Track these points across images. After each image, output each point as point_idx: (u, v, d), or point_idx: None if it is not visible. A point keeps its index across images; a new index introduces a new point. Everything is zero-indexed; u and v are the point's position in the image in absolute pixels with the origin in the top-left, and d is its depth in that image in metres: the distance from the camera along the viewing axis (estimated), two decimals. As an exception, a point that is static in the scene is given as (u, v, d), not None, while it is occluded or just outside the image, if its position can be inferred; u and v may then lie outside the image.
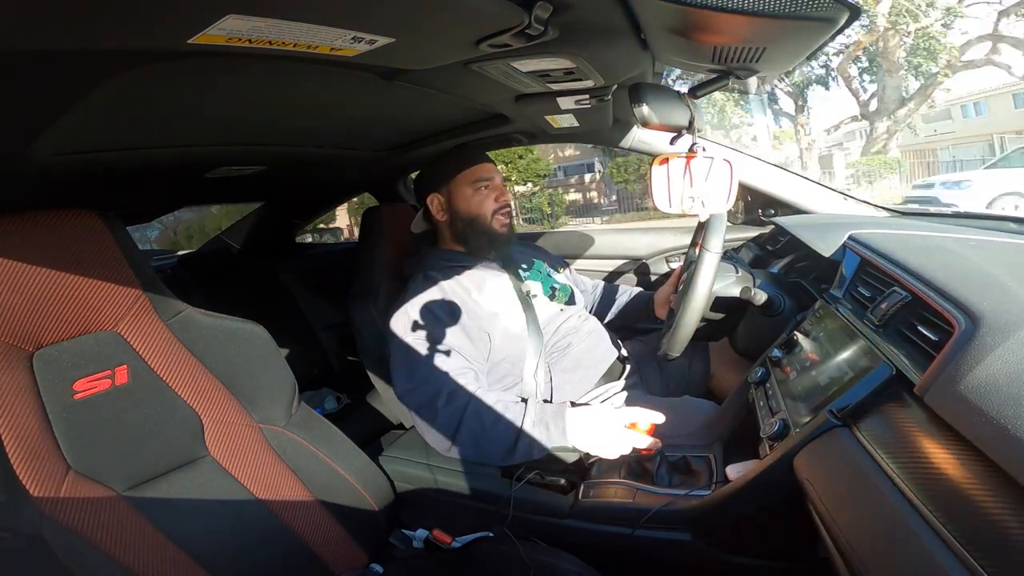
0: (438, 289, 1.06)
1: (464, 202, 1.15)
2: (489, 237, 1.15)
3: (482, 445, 0.93)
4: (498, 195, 1.15)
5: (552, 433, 0.90)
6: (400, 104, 0.89)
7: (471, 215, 1.14)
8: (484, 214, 1.14)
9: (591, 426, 0.89)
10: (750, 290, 1.00)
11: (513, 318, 1.09)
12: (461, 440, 0.94)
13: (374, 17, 0.49)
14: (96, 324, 0.75)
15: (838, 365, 0.70)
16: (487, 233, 1.15)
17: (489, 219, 1.14)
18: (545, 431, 0.91)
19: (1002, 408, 0.41)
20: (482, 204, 1.14)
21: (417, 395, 0.98)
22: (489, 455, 0.94)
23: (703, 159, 0.79)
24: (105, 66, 0.49)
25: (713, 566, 0.78)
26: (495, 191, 1.16)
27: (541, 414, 0.93)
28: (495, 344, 1.05)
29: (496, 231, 1.15)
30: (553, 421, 0.91)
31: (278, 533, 0.81)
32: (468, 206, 1.14)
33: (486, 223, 1.14)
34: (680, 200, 0.80)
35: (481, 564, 0.80)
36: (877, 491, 0.49)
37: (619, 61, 0.77)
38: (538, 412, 0.93)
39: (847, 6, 0.50)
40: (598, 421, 0.89)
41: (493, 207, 1.15)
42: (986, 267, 0.68)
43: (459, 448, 0.95)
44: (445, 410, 0.94)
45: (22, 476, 0.62)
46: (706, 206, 0.81)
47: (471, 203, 1.14)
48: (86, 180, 0.84)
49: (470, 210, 1.14)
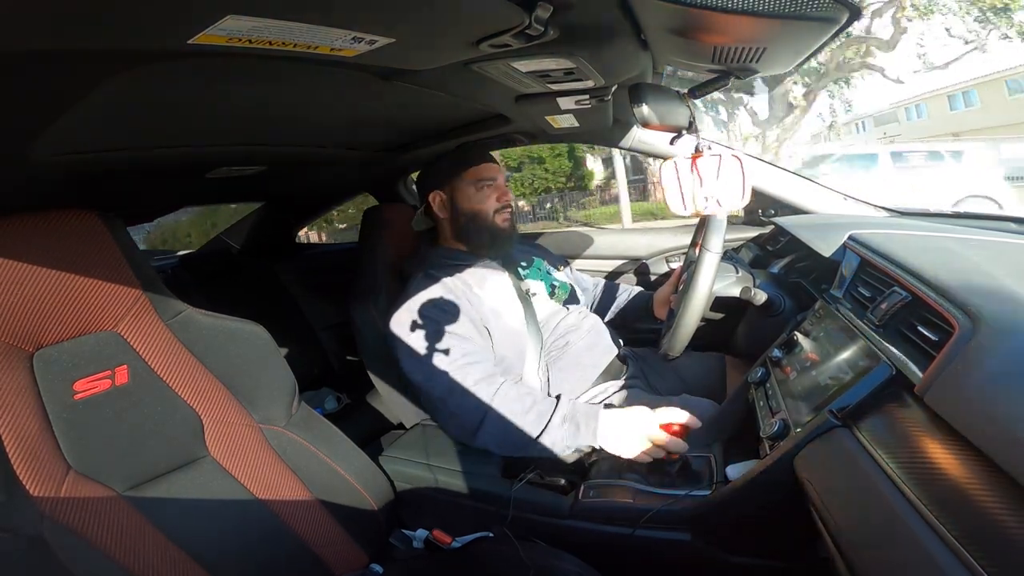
0: (440, 286, 1.06)
1: (466, 200, 1.15)
2: (491, 233, 1.15)
3: (506, 434, 0.93)
4: (500, 195, 1.16)
5: (582, 432, 0.90)
6: (400, 104, 0.89)
7: (473, 212, 1.15)
8: (486, 211, 1.15)
9: (624, 430, 0.89)
10: (750, 290, 1.00)
11: (513, 316, 1.09)
12: (486, 427, 0.94)
13: (374, 17, 0.49)
14: (96, 324, 0.75)
15: (838, 365, 0.70)
16: (489, 229, 1.15)
17: (491, 216, 1.15)
18: (574, 429, 0.91)
19: (1002, 408, 0.41)
20: (484, 202, 1.15)
21: (437, 383, 0.97)
22: (510, 446, 0.94)
23: (710, 157, 0.79)
24: (105, 66, 0.49)
25: (713, 566, 0.78)
26: (497, 191, 1.16)
27: (573, 412, 0.92)
28: (495, 341, 1.05)
29: (498, 227, 1.15)
30: (585, 421, 0.91)
31: (278, 533, 0.81)
32: (470, 204, 1.15)
33: (488, 220, 1.15)
34: (694, 200, 0.80)
35: (481, 564, 0.79)
36: (877, 491, 0.49)
37: (619, 61, 0.77)
38: (570, 409, 0.93)
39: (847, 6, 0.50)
40: (632, 425, 0.88)
41: (495, 206, 1.15)
42: (986, 267, 0.68)
43: (483, 435, 0.94)
44: (469, 398, 0.94)
45: (22, 476, 0.62)
46: (722, 204, 0.81)
47: (473, 201, 1.15)
48: (86, 180, 0.83)
49: (472, 207, 1.15)
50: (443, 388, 0.97)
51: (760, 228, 1.47)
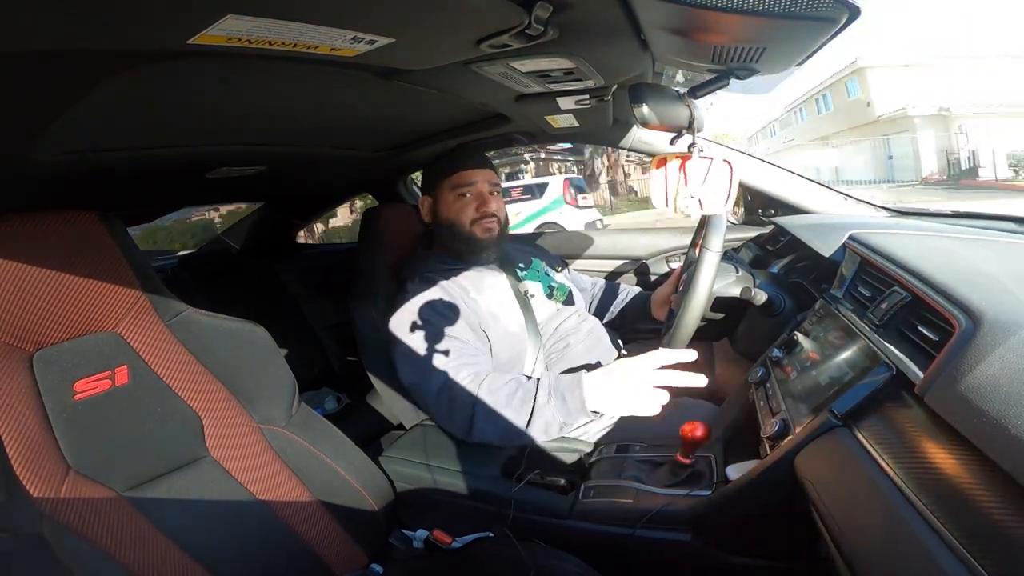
0: (437, 289, 1.06)
1: (446, 208, 1.13)
2: (467, 243, 1.12)
3: (499, 424, 0.91)
4: (479, 204, 1.12)
5: (570, 404, 0.86)
6: (400, 104, 0.89)
7: (450, 222, 1.13)
8: (462, 222, 1.12)
9: (613, 384, 0.84)
10: (750, 290, 1.00)
11: (511, 318, 1.09)
12: (478, 421, 0.92)
13: (374, 17, 0.49)
14: (96, 324, 0.75)
15: (838, 365, 0.70)
16: (464, 239, 1.12)
17: (467, 227, 1.12)
18: (561, 402, 0.87)
19: (1002, 408, 0.41)
20: (461, 212, 1.12)
21: (430, 384, 0.97)
22: (508, 434, 0.92)
23: (701, 159, 0.79)
24: (105, 66, 0.49)
25: (713, 566, 0.78)
26: (476, 199, 1.12)
27: (556, 386, 0.89)
28: (494, 344, 1.05)
29: (476, 237, 1.12)
30: (569, 391, 0.87)
31: (278, 533, 0.81)
32: (448, 212, 1.13)
33: (464, 231, 1.12)
34: (676, 200, 0.80)
35: (481, 565, 0.79)
36: (877, 491, 0.49)
37: (619, 61, 0.77)
38: (552, 384, 0.90)
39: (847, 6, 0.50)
40: (619, 376, 0.84)
41: (472, 216, 1.11)
42: (986, 267, 0.68)
43: (478, 430, 0.93)
44: (459, 394, 0.93)
45: (22, 476, 0.62)
46: (703, 207, 0.80)
47: (451, 210, 1.12)
48: (86, 180, 0.84)
49: (449, 217, 1.13)
50: (436, 387, 0.96)
51: (760, 228, 1.47)
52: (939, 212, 1.25)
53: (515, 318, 1.09)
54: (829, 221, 1.17)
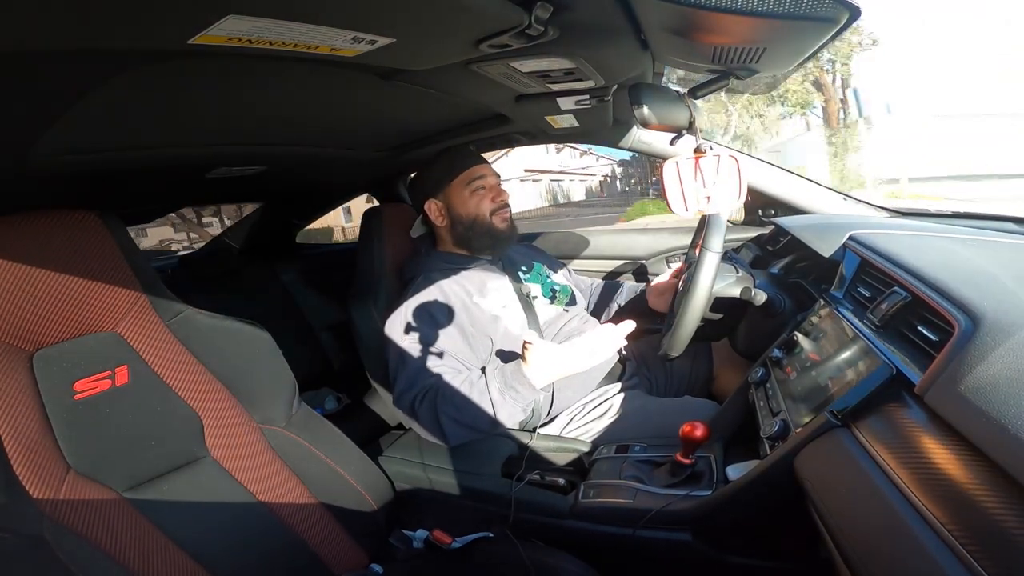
0: (438, 291, 1.06)
1: (462, 205, 1.15)
2: (492, 236, 1.16)
3: (468, 424, 0.95)
4: (495, 195, 1.16)
5: (522, 392, 0.93)
6: (400, 104, 0.89)
7: (471, 217, 1.15)
8: (483, 214, 1.15)
9: (551, 362, 0.91)
10: (750, 290, 1.00)
11: (514, 321, 1.09)
12: (446, 426, 0.95)
13: (374, 17, 0.49)
14: (96, 324, 0.75)
15: (838, 365, 0.70)
16: (488, 232, 1.15)
17: (489, 219, 1.15)
18: (515, 394, 0.93)
19: (1002, 408, 0.41)
20: (480, 205, 1.15)
21: (406, 398, 0.99)
22: (478, 434, 0.97)
23: (711, 157, 0.79)
24: (105, 66, 0.49)
25: (713, 566, 0.78)
26: (491, 191, 1.16)
27: (504, 380, 0.94)
28: (496, 347, 1.05)
29: (498, 229, 1.16)
30: (517, 381, 0.93)
31: (278, 533, 0.81)
32: (467, 209, 1.15)
33: (487, 223, 1.15)
34: (695, 201, 0.81)
35: (481, 565, 0.79)
36: (877, 491, 0.49)
37: (619, 61, 0.77)
38: (501, 380, 0.95)
39: (847, 6, 0.50)
40: (553, 354, 0.91)
41: (491, 207, 1.15)
42: (986, 267, 0.68)
43: (449, 434, 0.96)
44: (423, 405, 0.96)
45: (22, 477, 0.62)
46: (720, 204, 0.81)
47: (469, 205, 1.15)
48: (86, 180, 0.84)
49: (469, 212, 1.15)
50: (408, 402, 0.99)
51: (760, 228, 1.47)
52: (939, 212, 1.25)
53: (517, 320, 1.09)
54: (829, 221, 1.17)
